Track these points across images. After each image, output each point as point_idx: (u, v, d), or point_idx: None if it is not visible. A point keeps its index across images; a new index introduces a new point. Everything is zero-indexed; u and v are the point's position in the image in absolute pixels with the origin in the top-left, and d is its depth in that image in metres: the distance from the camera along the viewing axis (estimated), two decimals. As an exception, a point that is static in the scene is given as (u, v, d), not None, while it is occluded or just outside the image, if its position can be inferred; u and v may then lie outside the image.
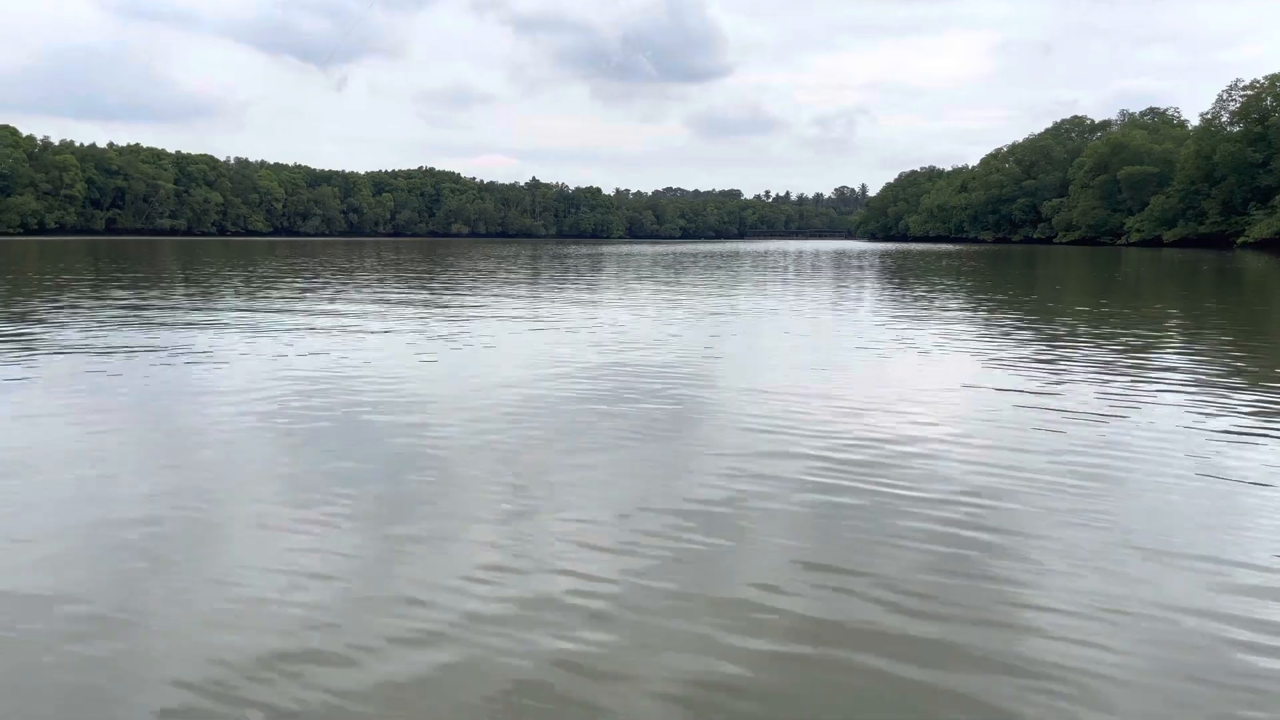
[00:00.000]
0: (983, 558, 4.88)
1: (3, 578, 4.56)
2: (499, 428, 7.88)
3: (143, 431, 7.83)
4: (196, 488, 6.10)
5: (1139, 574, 4.66)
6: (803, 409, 8.76)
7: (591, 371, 10.99)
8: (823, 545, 5.07)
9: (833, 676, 3.65)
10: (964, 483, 6.25)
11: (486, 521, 5.43)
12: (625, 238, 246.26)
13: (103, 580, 4.56)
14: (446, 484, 6.22)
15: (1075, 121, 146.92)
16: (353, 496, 5.89)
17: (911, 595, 4.39)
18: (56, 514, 5.52)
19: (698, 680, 3.61)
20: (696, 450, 7.24)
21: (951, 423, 8.25)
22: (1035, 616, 4.18)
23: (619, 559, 4.84)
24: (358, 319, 17.57)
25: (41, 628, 4.02)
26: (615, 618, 4.15)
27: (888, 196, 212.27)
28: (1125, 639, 3.95)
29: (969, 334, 15.57)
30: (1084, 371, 11.24)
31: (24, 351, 12.44)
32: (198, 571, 4.66)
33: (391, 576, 4.61)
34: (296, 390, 9.60)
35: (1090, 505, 5.76)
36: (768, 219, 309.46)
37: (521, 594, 4.39)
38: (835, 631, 4.03)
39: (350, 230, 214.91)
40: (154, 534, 5.17)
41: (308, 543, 5.04)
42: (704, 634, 3.99)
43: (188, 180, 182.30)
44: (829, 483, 6.24)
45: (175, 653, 3.81)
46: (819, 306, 21.57)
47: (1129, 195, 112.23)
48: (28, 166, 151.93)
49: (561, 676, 3.63)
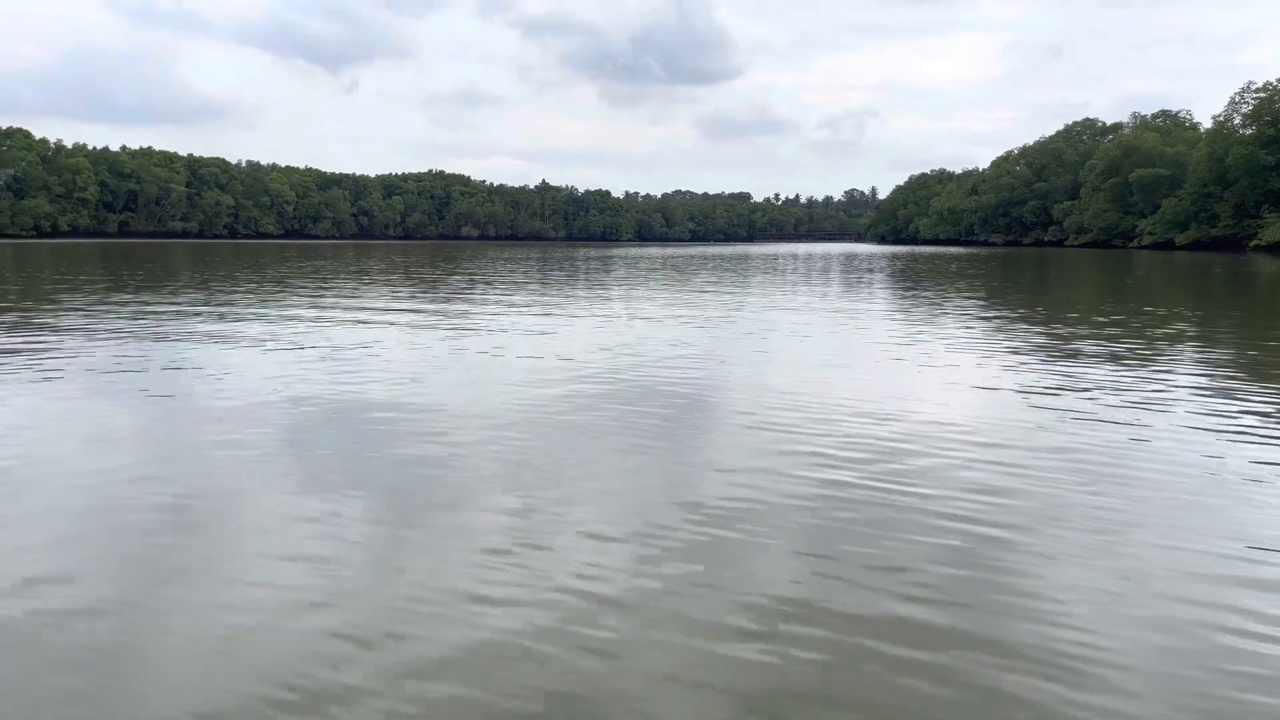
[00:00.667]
0: (995, 555, 4.88)
1: (18, 572, 4.61)
2: (510, 426, 7.91)
3: (157, 431, 7.88)
4: (209, 485, 6.15)
5: (1151, 571, 4.66)
6: (814, 408, 8.77)
7: (601, 372, 11.02)
8: (834, 542, 5.08)
9: (845, 671, 3.66)
10: (975, 482, 6.25)
11: (497, 518, 5.46)
12: (634, 240, 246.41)
13: (115, 576, 4.60)
14: (457, 483, 6.26)
15: (1086, 124, 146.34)
16: (364, 494, 5.93)
17: (924, 590, 4.40)
18: (70, 511, 5.58)
19: (710, 676, 3.63)
20: (708, 449, 7.26)
21: (963, 422, 8.24)
22: (1048, 612, 4.18)
23: (629, 556, 4.86)
24: (370, 320, 17.64)
25: (53, 622, 4.07)
26: (626, 614, 4.16)
27: (897, 199, 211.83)
28: (1136, 635, 3.95)
29: (980, 335, 15.54)
30: (1096, 373, 11.21)
31: (41, 352, 12.53)
32: (209, 566, 4.70)
33: (400, 575, 4.64)
34: (309, 390, 9.66)
35: (1103, 504, 5.76)
36: (777, 222, 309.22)
37: (532, 592, 4.41)
38: (847, 626, 4.03)
39: (360, 233, 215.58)
40: (167, 530, 5.22)
41: (319, 535, 5.08)
42: (717, 630, 4.00)
43: (200, 183, 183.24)
44: (840, 480, 6.24)
45: (188, 646, 3.85)
46: (829, 308, 21.55)
47: (1141, 198, 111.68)
48: (41, 169, 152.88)
49: (573, 674, 3.65)
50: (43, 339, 13.94)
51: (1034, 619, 4.12)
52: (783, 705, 3.41)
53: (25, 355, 12.09)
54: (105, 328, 15.62)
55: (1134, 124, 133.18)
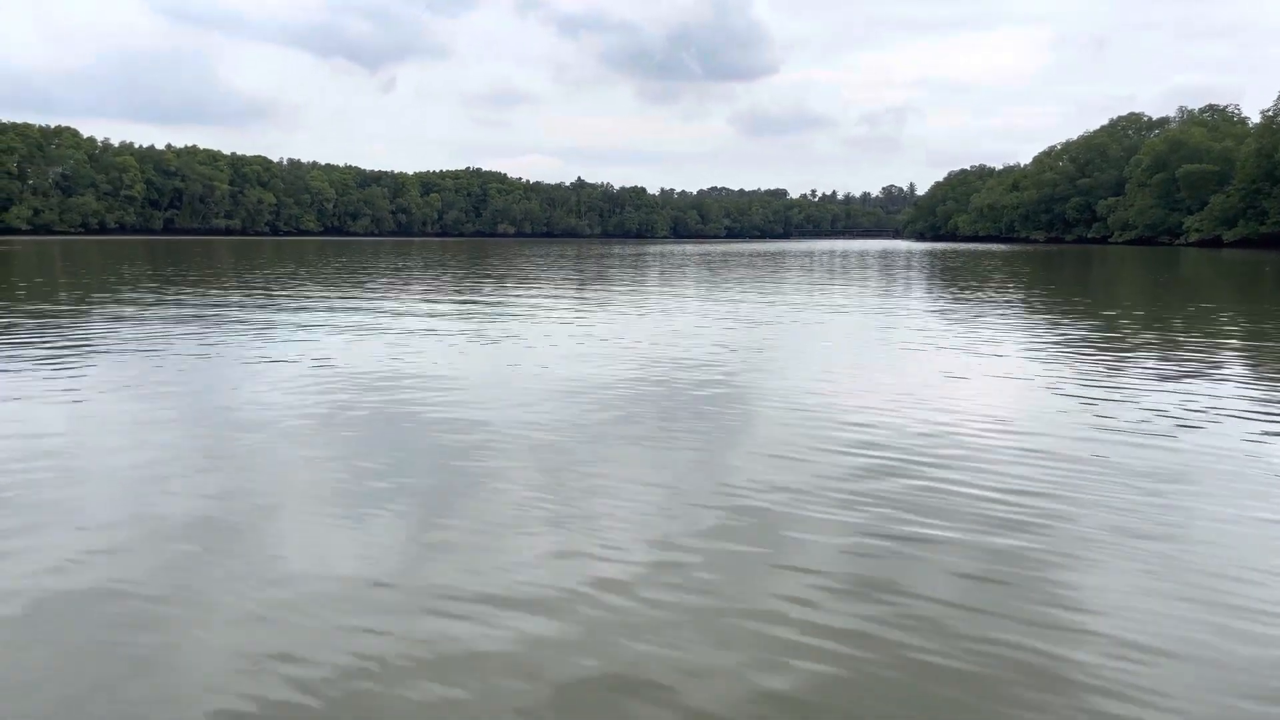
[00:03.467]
0: (1034, 556, 4.82)
1: (61, 566, 4.72)
2: (545, 425, 7.96)
3: (198, 426, 8.04)
4: (249, 482, 6.26)
5: (1199, 575, 4.57)
6: (848, 406, 8.71)
7: (636, 370, 11.03)
8: (868, 542, 5.05)
9: (875, 673, 3.64)
10: (1017, 482, 6.17)
11: (530, 515, 5.49)
12: (669, 237, 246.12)
13: (155, 570, 4.69)
14: (494, 481, 6.31)
15: (1131, 118, 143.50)
16: (403, 488, 6.00)
17: (959, 596, 4.36)
18: (112, 505, 5.71)
19: (744, 670, 3.63)
20: (742, 448, 7.25)
21: (1006, 420, 8.13)
22: (1085, 621, 4.12)
23: (661, 555, 4.87)
24: (410, 317, 17.82)
25: (95, 613, 4.17)
26: (657, 615, 4.17)
27: (936, 195, 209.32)
28: (1178, 645, 3.89)
29: (1020, 334, 15.33)
30: (1146, 372, 11.01)
31: (89, 348, 12.83)
32: (248, 560, 4.79)
33: (435, 573, 4.69)
34: (347, 386, 9.79)
35: (1146, 508, 5.66)
36: (814, 218, 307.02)
37: (563, 591, 4.44)
38: (880, 628, 4.01)
39: (399, 230, 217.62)
40: (206, 524, 5.32)
41: (355, 532, 5.15)
42: (748, 632, 4.00)
43: (242, 181, 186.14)
44: (877, 473, 6.20)
45: (226, 635, 3.92)
46: (865, 305, 21.38)
47: (1188, 194, 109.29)
48: (89, 167, 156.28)
49: (603, 676, 3.67)
50: (94, 335, 14.26)
51: (1074, 625, 4.06)
52: (816, 703, 3.40)
53: (80, 351, 12.38)
54: (155, 322, 15.94)
55: (1181, 118, 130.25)
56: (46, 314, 17.66)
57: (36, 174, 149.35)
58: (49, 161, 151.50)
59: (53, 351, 12.19)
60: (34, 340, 13.36)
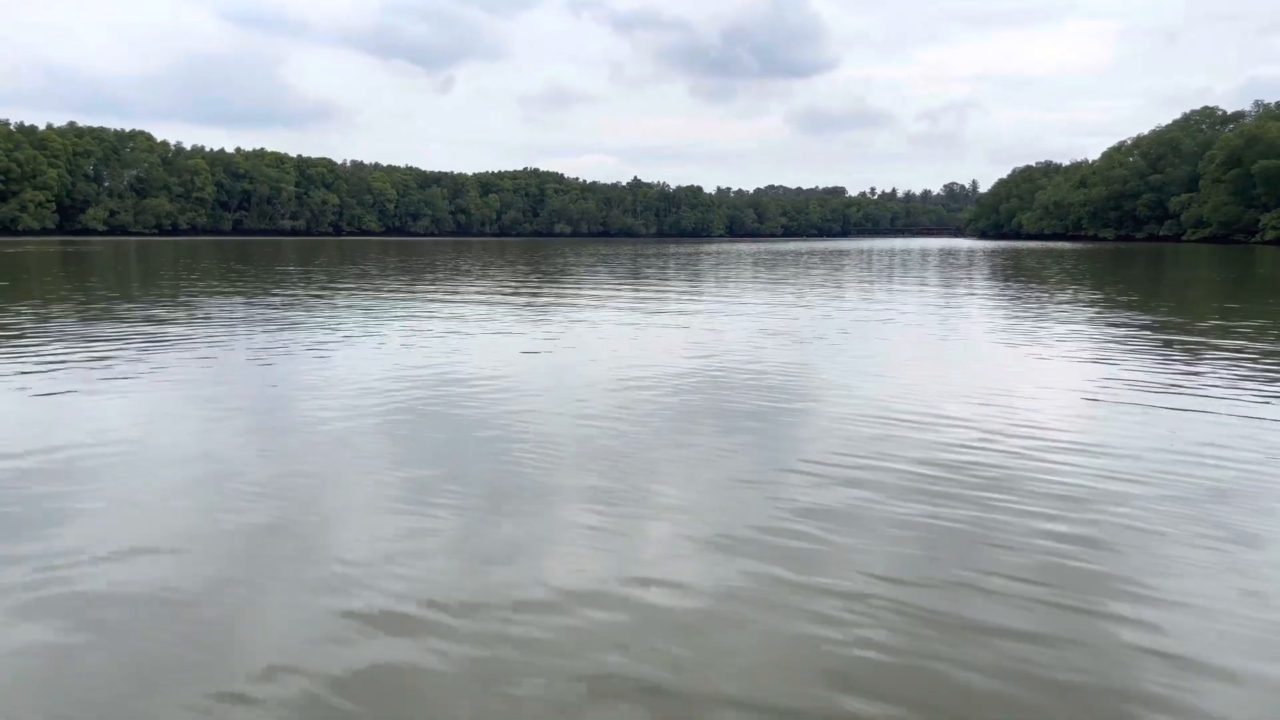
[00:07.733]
0: (1099, 565, 4.70)
1: (125, 554, 4.88)
2: (601, 423, 8.00)
3: (259, 420, 8.24)
4: (309, 475, 6.40)
5: (1271, 588, 4.41)
6: (910, 405, 8.58)
7: (690, 370, 11.02)
8: (926, 546, 4.97)
9: (932, 683, 3.59)
10: (1079, 487, 6.03)
11: (589, 506, 5.52)
12: (725, 236, 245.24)
13: (215, 562, 4.83)
14: (548, 479, 6.35)
15: (1205, 113, 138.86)
16: (458, 482, 6.07)
17: (1018, 600, 4.27)
18: (174, 498, 5.88)
19: (795, 668, 3.60)
20: (798, 451, 7.19)
21: (1069, 425, 7.95)
22: (1145, 631, 4.01)
23: (716, 558, 4.86)
24: (467, 316, 18.06)
25: (158, 594, 4.30)
26: (711, 618, 4.17)
27: (1000, 193, 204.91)
28: (1241, 654, 3.76)
29: (1085, 338, 14.95)
30: (1218, 376, 10.66)
31: (155, 344, 13.24)
32: (305, 550, 4.90)
33: (491, 562, 4.74)
34: (405, 384, 9.95)
35: (1210, 517, 5.48)
36: (873, 216, 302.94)
37: (615, 588, 4.45)
38: (940, 631, 3.95)
39: (458, 230, 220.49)
40: (268, 516, 5.45)
41: (411, 528, 5.23)
42: (803, 636, 3.97)
43: (307, 182, 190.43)
44: (936, 477, 6.10)
45: (284, 623, 4.02)
46: (925, 306, 21.05)
47: (1264, 190, 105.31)
48: (162, 170, 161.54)
49: (655, 673, 3.67)
50: (163, 326, 14.72)
51: (1141, 638, 3.95)
52: (867, 701, 3.36)
53: (164, 343, 12.79)
54: (222, 318, 16.41)
55: (1257, 112, 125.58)
56: (139, 314, 18.26)
57: (112, 176, 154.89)
58: (124, 164, 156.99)
59: (148, 340, 12.61)
60: (125, 335, 13.83)
